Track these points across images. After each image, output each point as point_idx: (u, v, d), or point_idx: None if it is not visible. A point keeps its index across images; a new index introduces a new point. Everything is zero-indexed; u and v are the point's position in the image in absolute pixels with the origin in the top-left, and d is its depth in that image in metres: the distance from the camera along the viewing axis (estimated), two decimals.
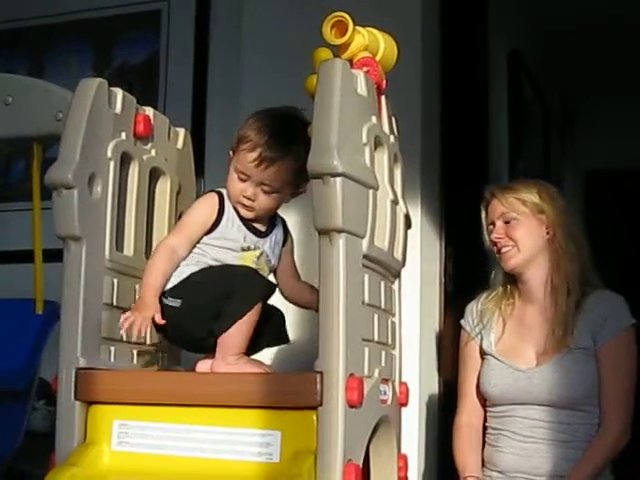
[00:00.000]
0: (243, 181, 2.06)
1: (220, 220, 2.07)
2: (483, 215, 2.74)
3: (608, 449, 2.56)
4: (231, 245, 2.07)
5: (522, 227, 2.64)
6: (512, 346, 2.68)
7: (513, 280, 2.74)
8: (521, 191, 2.66)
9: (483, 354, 2.73)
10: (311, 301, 2.08)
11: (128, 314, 1.94)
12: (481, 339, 2.73)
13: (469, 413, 2.74)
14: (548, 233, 2.65)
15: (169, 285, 2.03)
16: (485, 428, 2.72)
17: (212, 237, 2.06)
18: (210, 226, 2.06)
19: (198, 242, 2.06)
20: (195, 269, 2.04)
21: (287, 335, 2.16)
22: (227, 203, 2.08)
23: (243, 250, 2.08)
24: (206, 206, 2.08)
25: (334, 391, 1.72)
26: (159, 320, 1.97)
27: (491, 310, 2.74)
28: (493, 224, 2.68)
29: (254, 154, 2.03)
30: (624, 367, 2.59)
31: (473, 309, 2.78)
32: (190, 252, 2.06)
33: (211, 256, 2.05)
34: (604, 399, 2.57)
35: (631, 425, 2.59)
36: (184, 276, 2.04)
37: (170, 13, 3.75)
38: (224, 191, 2.09)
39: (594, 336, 2.58)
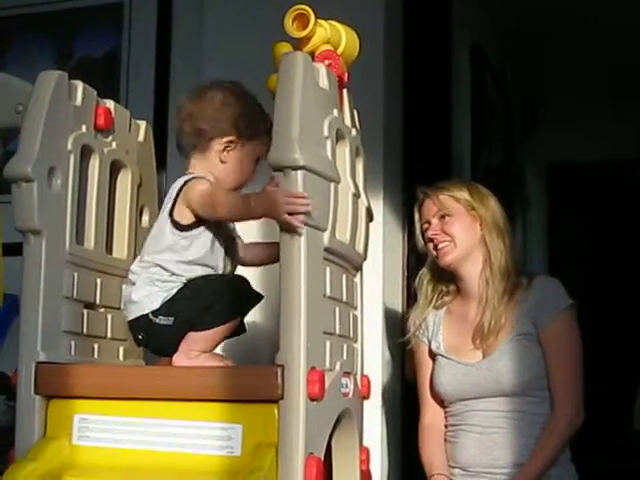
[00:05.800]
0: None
1: None
2: (417, 216, 2.77)
3: (562, 432, 2.57)
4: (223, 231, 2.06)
5: (457, 223, 2.68)
6: (458, 343, 2.70)
7: (447, 279, 2.77)
8: (453, 190, 2.71)
9: (433, 356, 2.74)
10: (267, 256, 2.14)
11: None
12: (429, 342, 2.75)
13: (431, 415, 2.75)
14: (482, 229, 2.69)
15: (155, 305, 2.00)
16: (445, 427, 2.72)
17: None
18: None
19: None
20: (181, 286, 2.02)
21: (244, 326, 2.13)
22: None
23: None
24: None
25: (295, 384, 1.72)
26: None
27: (433, 313, 2.77)
28: (428, 222, 2.71)
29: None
30: (568, 348, 2.62)
31: (414, 318, 2.80)
32: None
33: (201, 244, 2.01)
34: (552, 382, 2.58)
35: (584, 405, 2.60)
36: (172, 294, 2.01)
37: (132, 6, 3.72)
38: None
39: (534, 321, 2.61)
